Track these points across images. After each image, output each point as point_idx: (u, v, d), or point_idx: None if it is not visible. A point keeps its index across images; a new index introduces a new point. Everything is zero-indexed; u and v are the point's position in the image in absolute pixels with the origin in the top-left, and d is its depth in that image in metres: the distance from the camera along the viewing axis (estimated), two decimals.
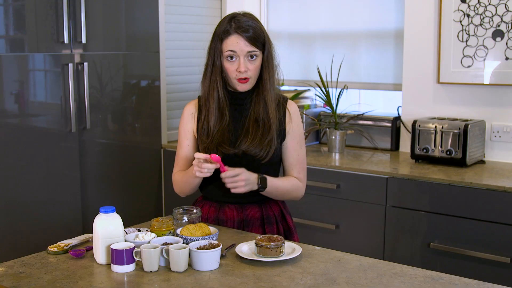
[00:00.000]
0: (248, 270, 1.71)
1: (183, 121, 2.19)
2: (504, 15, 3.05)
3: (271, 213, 2.16)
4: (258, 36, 2.02)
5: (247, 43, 2.00)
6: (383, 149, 3.49)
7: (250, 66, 2.03)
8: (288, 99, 2.20)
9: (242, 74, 2.02)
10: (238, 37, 2.00)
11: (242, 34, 2.00)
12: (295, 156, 2.17)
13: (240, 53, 2.01)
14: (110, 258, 1.73)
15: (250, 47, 2.01)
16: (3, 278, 1.66)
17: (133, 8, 3.41)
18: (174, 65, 3.88)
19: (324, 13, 3.90)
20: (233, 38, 2.01)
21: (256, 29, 2.02)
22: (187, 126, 2.17)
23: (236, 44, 2.01)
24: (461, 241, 2.75)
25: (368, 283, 1.62)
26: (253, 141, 2.05)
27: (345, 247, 2.94)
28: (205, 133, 2.09)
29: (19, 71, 2.96)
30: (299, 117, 2.19)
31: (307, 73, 3.96)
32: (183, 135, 2.19)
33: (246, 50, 2.01)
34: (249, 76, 2.04)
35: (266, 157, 2.06)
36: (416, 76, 3.40)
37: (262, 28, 2.06)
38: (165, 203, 3.71)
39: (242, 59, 2.01)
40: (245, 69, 2.02)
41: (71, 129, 3.12)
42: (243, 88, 2.06)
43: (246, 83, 2.05)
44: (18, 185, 2.94)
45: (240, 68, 2.01)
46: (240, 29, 2.00)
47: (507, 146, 3.15)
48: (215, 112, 2.08)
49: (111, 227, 1.76)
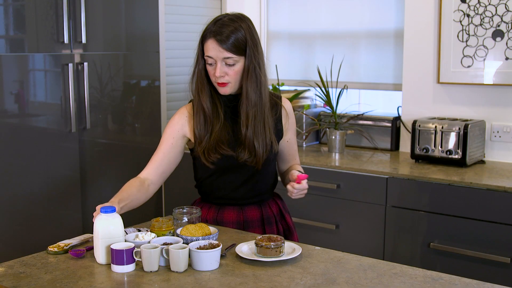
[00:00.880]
0: (248, 270, 1.71)
1: (172, 121, 2.10)
2: (504, 15, 3.05)
3: (271, 213, 2.16)
4: (236, 42, 1.94)
5: (221, 49, 1.94)
6: (383, 149, 3.49)
7: (228, 71, 1.97)
8: (281, 96, 2.19)
9: (218, 79, 1.98)
10: (213, 42, 1.95)
11: (217, 39, 1.94)
12: (295, 147, 2.25)
13: (216, 58, 1.96)
14: (110, 258, 1.73)
15: (225, 53, 1.94)
16: (3, 278, 1.66)
17: (133, 8, 3.41)
18: (174, 65, 3.88)
19: (324, 13, 3.90)
20: (209, 43, 1.96)
21: (233, 32, 1.94)
22: (177, 126, 2.08)
23: (212, 49, 1.95)
24: (461, 241, 2.75)
25: (368, 283, 1.62)
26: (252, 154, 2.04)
27: (345, 247, 2.94)
28: (202, 134, 2.03)
29: (19, 71, 2.96)
30: (292, 110, 2.21)
31: (307, 73, 3.96)
32: (169, 133, 2.08)
33: (221, 56, 1.95)
34: (228, 81, 1.99)
35: (267, 160, 2.08)
36: (416, 76, 3.40)
37: (246, 32, 1.97)
38: (165, 203, 3.71)
39: (219, 64, 1.96)
40: (222, 74, 1.97)
41: (71, 129, 3.12)
42: (223, 92, 2.02)
43: (225, 87, 2.00)
44: (18, 185, 2.94)
45: (216, 73, 1.97)
46: (217, 34, 1.94)
47: (507, 146, 3.15)
48: (209, 112, 2.03)
49: (111, 227, 1.76)
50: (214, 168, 2.05)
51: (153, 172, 2.07)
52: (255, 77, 1.99)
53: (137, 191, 1.99)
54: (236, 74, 1.98)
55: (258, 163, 2.04)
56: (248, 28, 1.99)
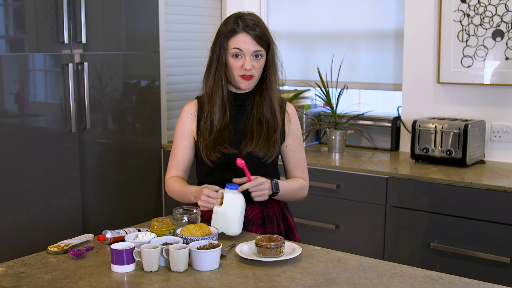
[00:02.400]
0: (248, 270, 1.71)
1: (181, 122, 2.17)
2: (504, 15, 3.05)
3: (272, 212, 2.16)
4: (264, 36, 2.04)
5: (254, 42, 2.02)
6: (383, 149, 3.49)
7: (255, 64, 2.04)
8: (286, 100, 2.21)
9: (247, 71, 2.03)
10: (245, 35, 2.01)
11: (249, 32, 2.01)
12: (297, 156, 2.20)
13: (246, 52, 2.02)
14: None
15: (257, 46, 2.02)
16: (3, 278, 1.66)
17: (133, 8, 3.41)
18: (174, 65, 3.88)
19: (324, 13, 3.90)
20: (241, 36, 2.01)
21: (262, 27, 2.04)
22: (186, 127, 2.15)
23: (243, 43, 2.01)
24: (461, 241, 2.75)
25: (368, 283, 1.62)
26: (258, 142, 2.05)
27: (345, 247, 2.94)
28: (208, 130, 2.08)
29: (19, 71, 2.96)
30: (297, 117, 2.21)
31: (307, 73, 3.96)
32: (181, 135, 2.16)
33: (252, 49, 2.02)
34: (254, 74, 2.05)
35: (271, 158, 2.08)
36: (416, 76, 3.40)
37: (267, 28, 2.07)
38: (165, 203, 3.72)
39: (248, 57, 2.02)
40: (250, 67, 2.03)
41: (71, 129, 3.12)
42: (246, 86, 2.06)
43: (249, 80, 2.05)
44: (18, 185, 2.94)
45: (245, 65, 2.02)
46: (248, 28, 2.01)
47: (507, 146, 3.15)
48: (219, 109, 2.07)
49: (242, 200, 1.96)
50: (214, 166, 2.07)
51: (179, 173, 2.17)
52: (276, 70, 2.11)
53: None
54: (260, 68, 2.07)
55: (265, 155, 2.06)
56: (265, 24, 2.10)
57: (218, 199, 1.94)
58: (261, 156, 2.06)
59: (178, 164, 2.17)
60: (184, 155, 2.16)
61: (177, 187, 2.12)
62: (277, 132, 2.08)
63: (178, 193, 2.11)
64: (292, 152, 2.19)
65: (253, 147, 2.05)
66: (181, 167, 2.17)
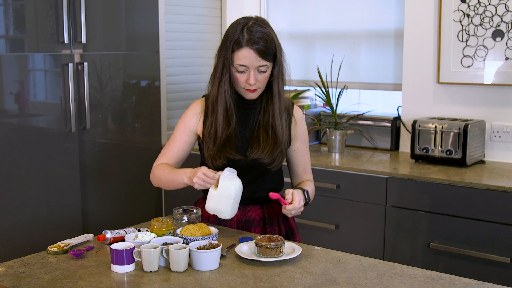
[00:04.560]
0: (248, 270, 1.71)
1: (186, 117, 2.13)
2: (504, 15, 3.05)
3: (273, 214, 2.16)
4: (269, 48, 1.97)
5: (258, 57, 1.96)
6: (383, 149, 3.49)
7: (259, 77, 2.00)
8: (294, 104, 2.20)
9: (251, 86, 2.00)
10: (249, 50, 1.95)
11: (253, 47, 1.95)
12: (306, 159, 2.20)
13: (250, 66, 1.97)
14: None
15: (261, 61, 1.97)
16: (3, 278, 1.66)
17: (133, 8, 3.41)
18: (174, 65, 3.88)
19: (324, 13, 3.90)
20: (244, 52, 1.95)
21: (267, 40, 1.97)
22: (190, 124, 2.12)
23: (247, 58, 1.96)
24: (461, 241, 2.75)
25: (368, 283, 1.62)
26: (264, 150, 2.04)
27: (345, 247, 2.94)
28: (212, 139, 2.05)
29: (19, 71, 2.96)
30: (304, 121, 2.20)
31: (307, 73, 3.96)
32: (182, 129, 2.12)
33: (257, 64, 1.97)
34: (258, 87, 2.02)
35: (277, 166, 2.08)
36: (416, 76, 3.40)
37: (273, 36, 2.01)
38: (165, 203, 3.71)
39: (253, 72, 1.98)
40: (255, 81, 1.99)
41: (71, 129, 3.12)
42: (250, 97, 2.04)
43: (254, 92, 2.03)
44: (18, 185, 2.94)
45: (250, 80, 1.98)
46: (253, 43, 1.95)
47: (507, 146, 3.15)
48: (222, 119, 2.04)
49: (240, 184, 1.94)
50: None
51: (172, 162, 2.13)
52: (282, 80, 2.06)
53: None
54: (266, 79, 2.02)
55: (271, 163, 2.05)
56: (274, 32, 2.03)
57: (214, 180, 1.91)
58: (267, 163, 2.05)
59: (170, 156, 2.13)
60: (179, 149, 2.12)
61: (167, 170, 2.07)
62: (284, 141, 2.07)
63: (167, 176, 2.06)
64: (301, 155, 2.18)
65: (259, 154, 2.04)
66: (173, 159, 2.13)
